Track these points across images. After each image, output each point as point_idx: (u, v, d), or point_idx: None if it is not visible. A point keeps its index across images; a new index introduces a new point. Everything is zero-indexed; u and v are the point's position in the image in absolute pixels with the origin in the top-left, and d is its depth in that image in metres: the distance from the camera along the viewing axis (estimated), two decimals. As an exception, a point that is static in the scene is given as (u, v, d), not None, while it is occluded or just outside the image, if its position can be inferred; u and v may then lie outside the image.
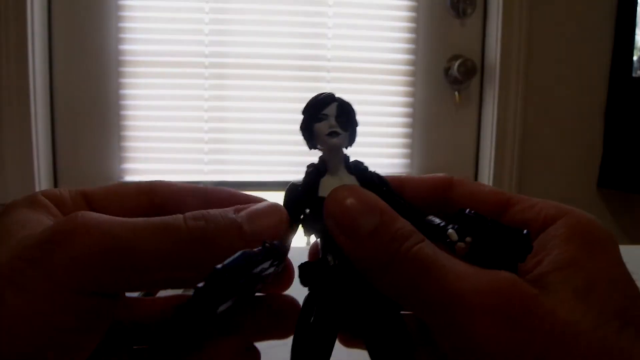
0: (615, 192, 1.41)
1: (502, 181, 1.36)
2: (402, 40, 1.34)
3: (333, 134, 0.24)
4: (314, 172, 0.24)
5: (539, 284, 0.19)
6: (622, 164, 1.37)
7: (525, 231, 0.21)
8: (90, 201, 0.24)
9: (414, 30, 1.33)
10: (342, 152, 0.24)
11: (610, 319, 0.18)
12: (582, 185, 1.43)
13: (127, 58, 1.27)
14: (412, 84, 1.35)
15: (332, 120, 0.24)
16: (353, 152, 0.25)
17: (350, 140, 0.25)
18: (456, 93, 1.36)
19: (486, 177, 1.38)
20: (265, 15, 1.29)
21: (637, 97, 1.36)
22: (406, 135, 1.36)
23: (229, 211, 0.22)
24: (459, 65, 1.31)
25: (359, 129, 0.25)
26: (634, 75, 1.37)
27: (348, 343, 0.25)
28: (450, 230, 0.21)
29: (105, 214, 0.23)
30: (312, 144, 0.24)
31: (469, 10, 1.32)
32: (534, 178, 1.40)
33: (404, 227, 0.21)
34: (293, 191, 0.24)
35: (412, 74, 1.34)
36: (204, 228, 0.21)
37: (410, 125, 1.36)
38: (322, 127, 0.24)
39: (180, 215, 0.21)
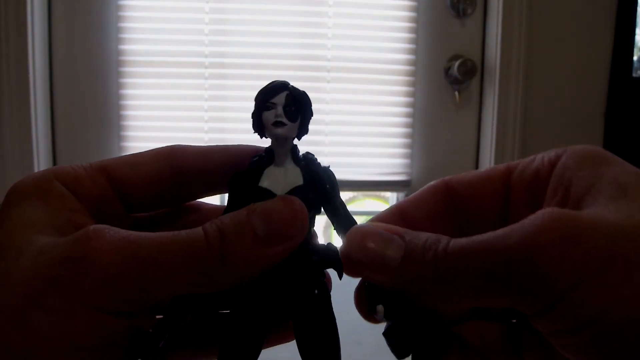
0: (615, 192, 1.41)
1: (502, 181, 1.36)
2: (402, 40, 1.34)
3: (278, 123, 0.23)
4: (258, 162, 0.24)
5: (576, 208, 0.20)
6: (622, 164, 1.37)
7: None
8: (109, 175, 0.23)
9: (414, 30, 1.33)
10: (289, 142, 0.24)
11: None
12: (582, 185, 1.42)
13: (127, 58, 1.27)
14: (412, 84, 1.34)
15: (279, 109, 0.23)
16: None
17: (300, 132, 0.24)
18: (456, 93, 1.36)
19: (486, 177, 1.38)
20: (265, 15, 1.29)
21: (637, 97, 1.36)
22: (406, 135, 1.36)
23: (242, 214, 0.21)
24: (459, 65, 1.31)
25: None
26: (634, 75, 1.37)
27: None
28: (379, 307, 0.22)
29: (126, 184, 0.23)
30: (261, 133, 0.24)
31: (469, 10, 1.32)
32: (534, 178, 1.40)
33: (428, 236, 0.20)
34: (236, 180, 0.24)
35: (412, 74, 1.34)
36: (222, 241, 0.20)
37: (410, 125, 1.36)
38: (268, 116, 0.23)
39: (201, 230, 0.20)
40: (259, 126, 0.23)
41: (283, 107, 0.23)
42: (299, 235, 0.21)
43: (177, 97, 1.29)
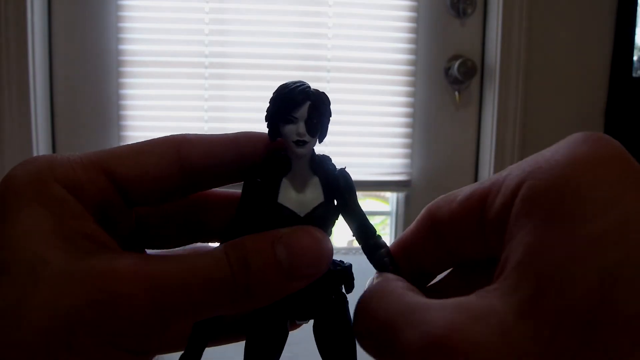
0: (615, 192, 1.41)
1: (502, 181, 1.36)
2: (402, 40, 1.34)
3: (300, 143, 0.21)
4: (274, 170, 0.22)
5: (487, 297, 0.16)
6: (622, 164, 1.37)
7: None
8: (110, 172, 0.22)
9: (414, 30, 1.33)
10: (309, 154, 0.22)
11: (564, 344, 0.14)
12: (582, 185, 1.42)
13: (127, 58, 1.27)
14: (412, 84, 1.35)
15: (302, 127, 0.21)
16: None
17: (321, 138, 0.23)
18: (456, 93, 1.36)
19: (486, 177, 1.38)
20: (265, 15, 1.29)
21: (637, 97, 1.36)
22: (406, 135, 1.36)
23: (267, 242, 0.20)
24: (459, 65, 1.31)
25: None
26: (634, 75, 1.37)
27: None
28: None
29: (129, 182, 0.22)
30: (275, 138, 0.22)
31: (469, 10, 1.32)
32: (534, 178, 1.40)
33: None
34: (250, 184, 0.22)
35: (412, 74, 1.34)
36: (247, 271, 0.20)
37: (410, 125, 1.36)
38: (290, 131, 0.21)
39: (224, 257, 0.20)
40: (275, 133, 0.22)
41: (305, 121, 0.21)
42: (324, 269, 0.21)
43: (177, 97, 1.29)
